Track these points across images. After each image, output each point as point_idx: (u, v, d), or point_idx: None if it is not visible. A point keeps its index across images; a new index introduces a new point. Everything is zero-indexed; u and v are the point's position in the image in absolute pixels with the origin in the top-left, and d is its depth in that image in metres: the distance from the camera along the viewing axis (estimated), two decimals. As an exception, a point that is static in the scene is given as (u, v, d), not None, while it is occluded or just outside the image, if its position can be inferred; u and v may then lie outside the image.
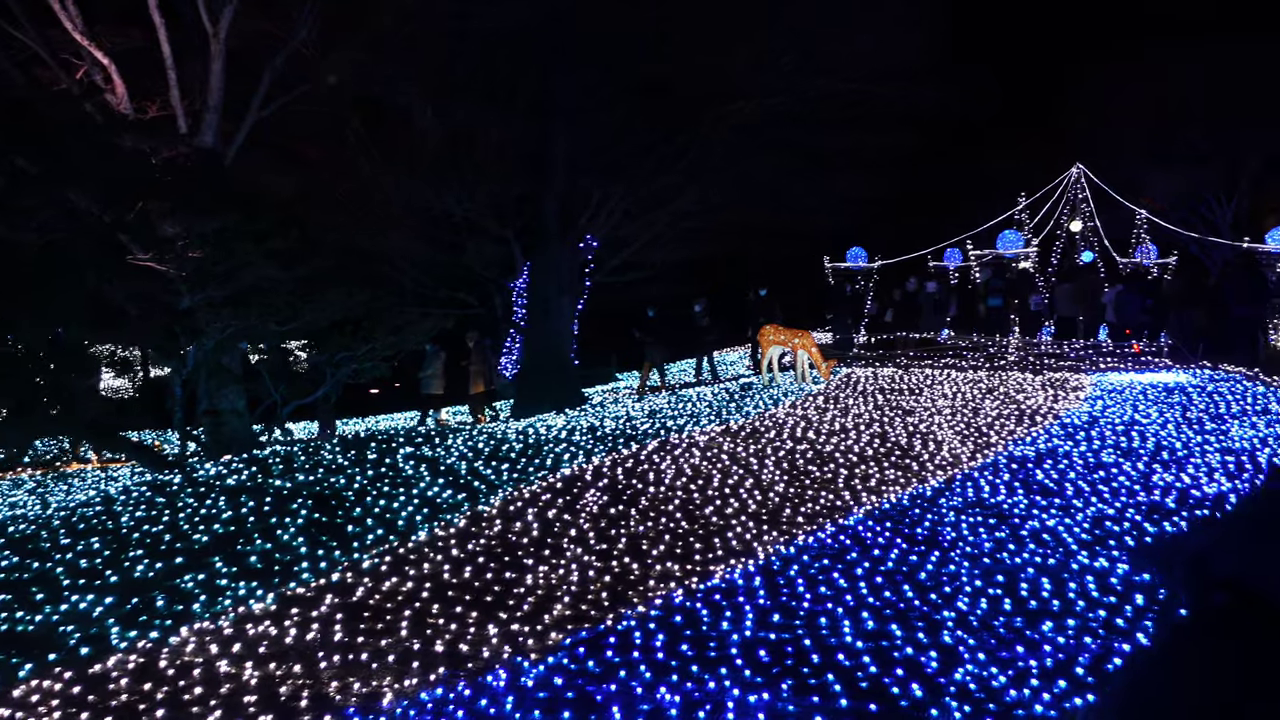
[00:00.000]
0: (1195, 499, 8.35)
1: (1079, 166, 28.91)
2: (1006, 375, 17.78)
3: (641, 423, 12.96)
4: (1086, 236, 29.56)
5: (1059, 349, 20.64)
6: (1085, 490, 8.70)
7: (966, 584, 6.40)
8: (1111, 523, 7.65)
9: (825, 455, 10.45)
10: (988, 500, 8.47)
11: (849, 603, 6.14)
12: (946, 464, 9.98)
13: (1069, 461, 9.88)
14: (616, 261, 26.45)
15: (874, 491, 8.90)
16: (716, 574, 6.76)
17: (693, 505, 8.49)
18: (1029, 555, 6.93)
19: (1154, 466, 9.60)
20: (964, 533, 7.50)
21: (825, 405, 14.13)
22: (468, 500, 8.65)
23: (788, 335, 17.23)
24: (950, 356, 20.94)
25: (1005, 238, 23.65)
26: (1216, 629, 0.88)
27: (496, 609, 6.21)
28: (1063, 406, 13.71)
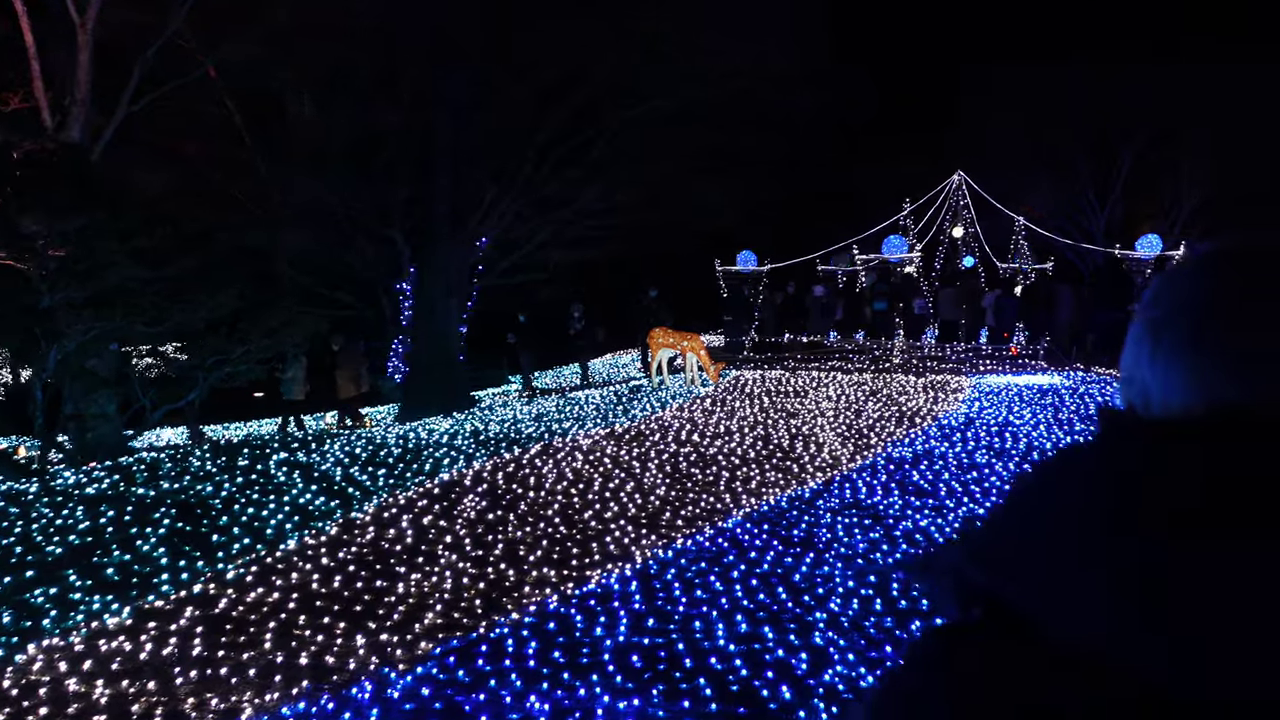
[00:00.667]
0: (1061, 498, 8.60)
1: (960, 174, 29.67)
2: (890, 377, 18.14)
3: (526, 426, 12.84)
4: (968, 242, 30.36)
5: (941, 351, 21.16)
6: (958, 491, 8.89)
7: (840, 585, 6.47)
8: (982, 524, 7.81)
9: (708, 458, 10.48)
10: (864, 501, 8.59)
11: (724, 606, 6.14)
12: (826, 465, 10.10)
13: (944, 463, 10.10)
14: (508, 263, 26.21)
15: (754, 494, 8.95)
16: (593, 579, 6.70)
17: (573, 510, 8.42)
18: (901, 556, 7.04)
19: (1025, 467, 9.86)
20: (839, 534, 7.59)
21: (712, 408, 14.20)
22: (341, 507, 8.42)
23: (677, 338, 17.29)
24: (837, 359, 21.29)
25: (890, 242, 24.14)
26: (937, 656, 0.76)
27: (366, 619, 6.04)
28: (941, 408, 14.03)
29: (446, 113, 18.20)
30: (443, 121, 18.36)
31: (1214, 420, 0.78)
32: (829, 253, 28.72)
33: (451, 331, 19.47)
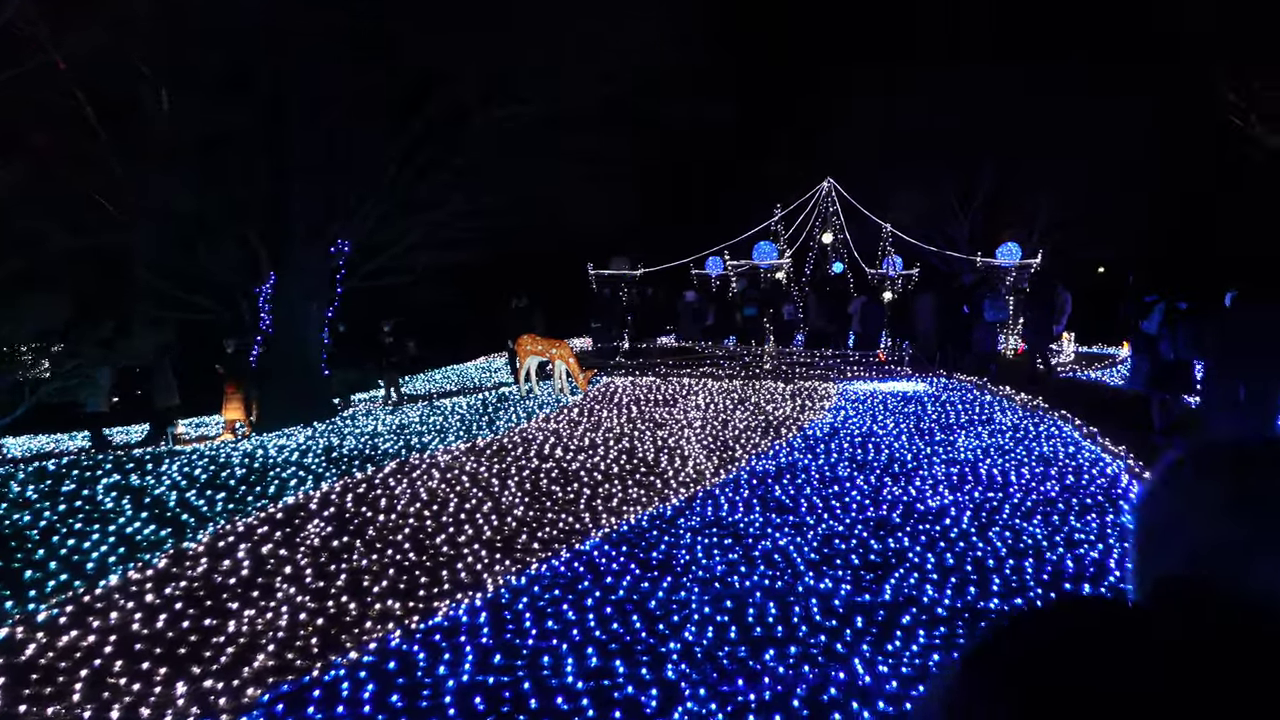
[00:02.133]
0: (919, 512, 8.63)
1: (830, 180, 30.14)
2: (759, 385, 18.20)
3: (384, 440, 12.39)
4: (837, 248, 30.87)
5: (810, 358, 21.37)
6: (818, 506, 8.84)
7: (695, 611, 6.29)
8: (840, 540, 7.77)
9: (570, 474, 10.24)
10: (725, 519, 8.46)
11: (575, 638, 5.91)
12: (690, 481, 9.97)
13: (806, 476, 10.07)
14: (373, 266, 25.54)
15: (615, 512, 8.75)
16: (440, 611, 6.39)
17: (424, 534, 8.07)
18: (758, 578, 6.91)
19: (885, 479, 9.91)
20: (699, 555, 7.43)
21: (579, 418, 13.97)
22: (172, 536, 7.90)
23: (545, 345, 17.01)
24: (708, 365, 21.32)
25: (760, 248, 24.33)
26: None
27: (189, 663, 5.61)
28: (807, 418, 14.09)
29: (303, 111, 17.54)
30: (298, 120, 17.68)
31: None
32: (701, 257, 28.85)
33: (312, 337, 18.78)
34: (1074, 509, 8.69)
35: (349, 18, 16.71)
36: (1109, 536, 7.80)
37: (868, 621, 6.08)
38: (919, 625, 6.00)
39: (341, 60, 17.18)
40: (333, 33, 16.67)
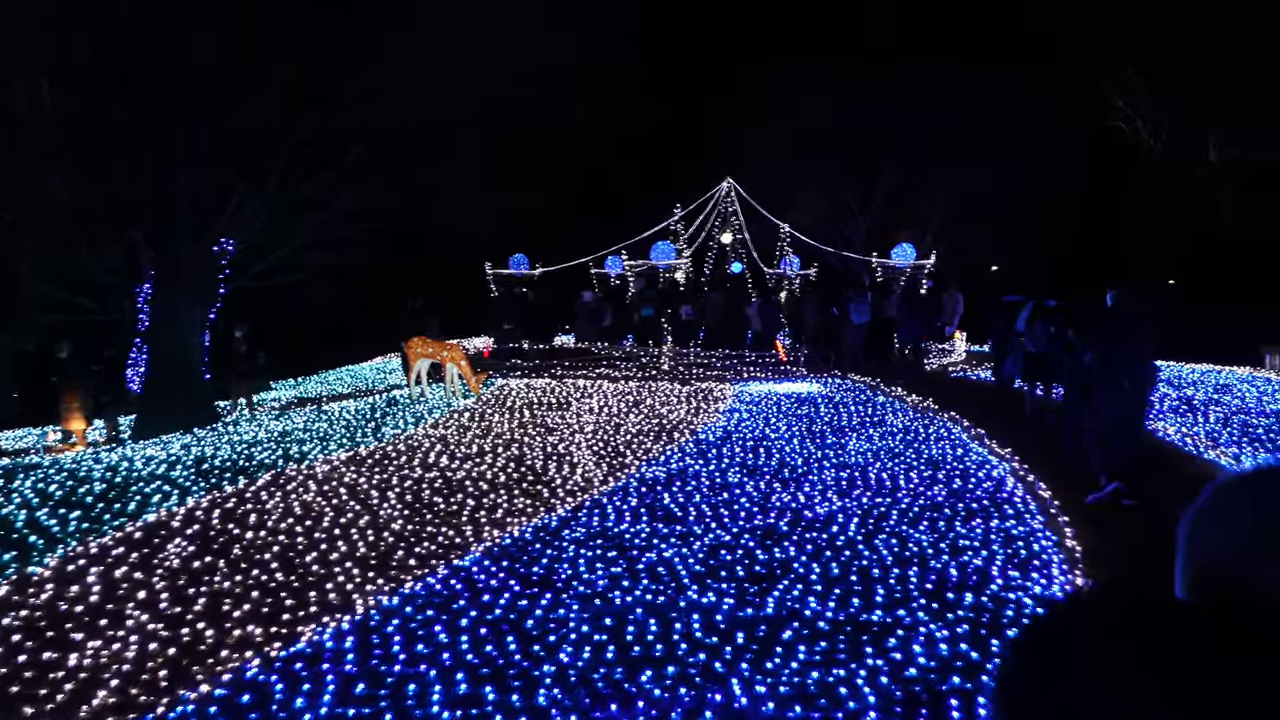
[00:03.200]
0: (808, 519, 8.54)
1: (729, 180, 30.19)
2: (655, 386, 18.07)
3: (262, 450, 11.89)
4: (736, 248, 30.94)
5: (707, 358, 21.32)
6: (707, 515, 8.70)
7: (574, 630, 6.07)
8: (726, 551, 7.63)
9: (455, 484, 9.93)
10: (612, 530, 8.26)
11: (446, 662, 5.63)
12: (578, 489, 9.74)
13: (697, 483, 9.92)
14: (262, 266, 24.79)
15: (498, 524, 8.47)
16: (304, 636, 6.05)
17: (294, 552, 7.70)
18: (641, 592, 6.72)
19: (775, 485, 9.81)
20: (581, 569, 7.21)
21: (469, 424, 13.64)
22: (16, 560, 7.38)
23: (436, 347, 16.61)
24: (604, 366, 21.12)
25: (658, 248, 24.20)
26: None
27: (22, 702, 5.19)
28: (701, 421, 13.98)
29: (183, 108, 16.82)
30: (180, 117, 16.96)
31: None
32: (601, 256, 28.65)
33: (193, 340, 18.05)
34: (960, 514, 8.69)
35: (233, 10, 16.12)
36: (993, 542, 7.80)
37: (749, 638, 5.93)
38: (800, 641, 5.87)
39: (225, 55, 16.54)
40: (216, 26, 16.04)
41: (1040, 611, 2.44)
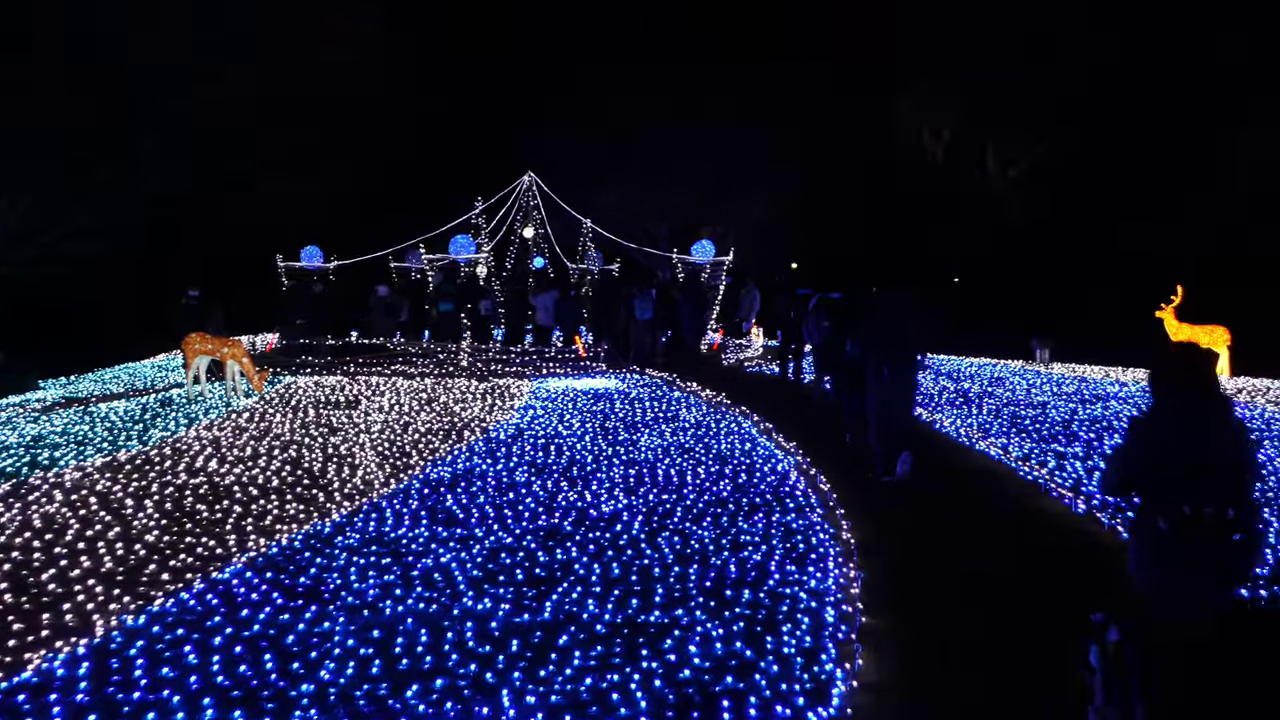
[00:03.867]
0: (592, 519, 8.41)
1: (530, 174, 29.91)
2: (452, 383, 17.65)
3: (7, 455, 10.87)
4: (538, 243, 30.70)
5: (506, 354, 21.01)
6: (490, 516, 8.45)
7: (338, 644, 5.72)
8: (506, 554, 7.40)
9: (222, 490, 9.32)
10: (388, 535, 7.90)
11: (193, 686, 5.19)
12: (356, 492, 9.31)
13: (482, 483, 9.66)
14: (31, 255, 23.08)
15: (266, 533, 7.97)
16: (32, 664, 5.47)
17: (29, 570, 7.00)
18: (414, 601, 6.42)
19: (562, 484, 9.65)
20: (351, 578, 6.84)
21: (246, 424, 12.90)
22: None
23: (216, 344, 15.68)
24: (400, 363, 20.52)
25: (457, 242, 23.69)
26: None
27: None
28: (495, 418, 13.70)
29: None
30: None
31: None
32: (399, 250, 27.87)
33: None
34: (743, 509, 8.75)
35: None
36: (773, 537, 7.87)
37: (524, 645, 5.73)
38: (576, 646, 5.71)
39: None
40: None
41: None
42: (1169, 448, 4.45)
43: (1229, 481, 4.41)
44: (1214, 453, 4.42)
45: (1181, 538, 4.35)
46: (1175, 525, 4.36)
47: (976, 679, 5.44)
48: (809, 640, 5.82)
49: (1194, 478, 4.39)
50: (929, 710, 5.16)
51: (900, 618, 6.26)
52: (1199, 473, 4.39)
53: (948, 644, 5.91)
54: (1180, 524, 4.35)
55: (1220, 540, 4.35)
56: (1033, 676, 5.43)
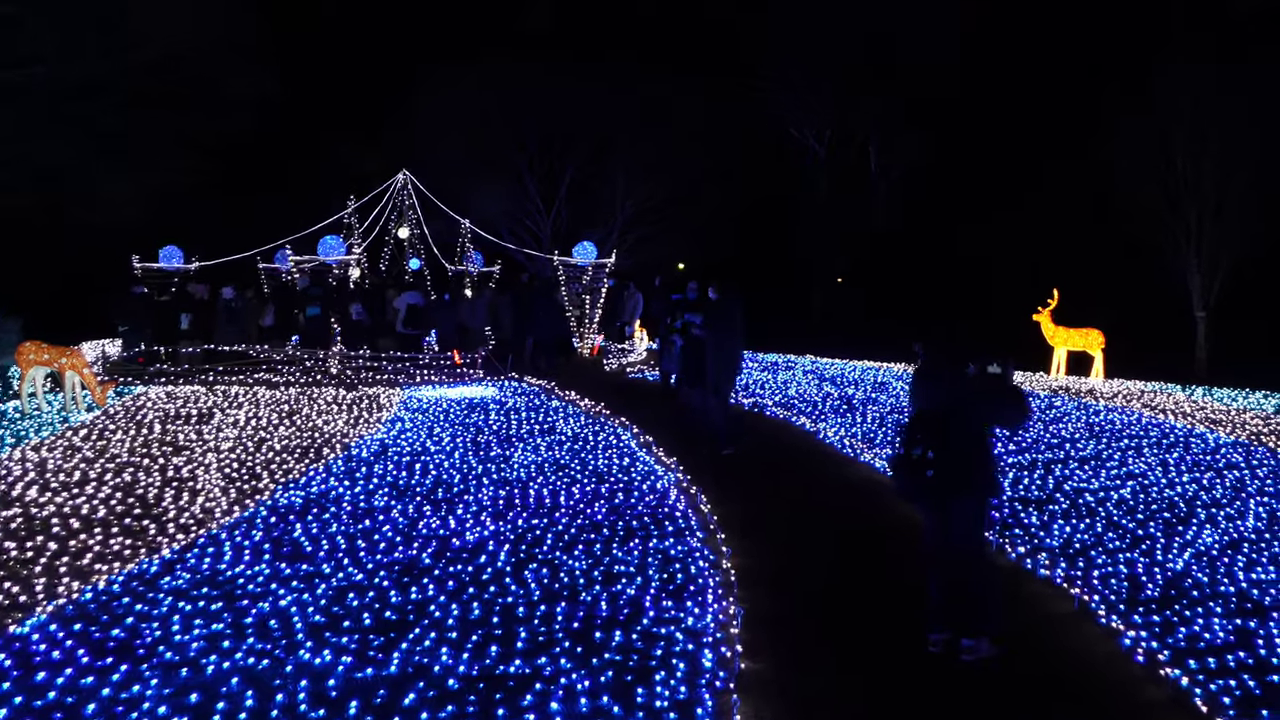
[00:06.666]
0: (455, 549, 7.74)
1: (405, 172, 28.86)
2: (318, 393, 16.70)
3: None
4: (414, 243, 29.67)
5: (378, 361, 20.05)
6: (341, 550, 7.70)
7: (147, 713, 4.96)
8: (355, 594, 6.69)
9: (38, 523, 8.33)
10: (224, 574, 7.09)
11: (-39, 776, 4.38)
12: (194, 523, 8.43)
13: (337, 509, 8.89)
14: None
15: (81, 574, 7.07)
16: None
17: None
18: (243, 655, 5.67)
19: (425, 509, 8.95)
20: (173, 629, 6.04)
21: (80, 443, 11.80)
22: None
23: (53, 353, 14.43)
24: (264, 371, 19.41)
25: (326, 243, 22.55)
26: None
27: None
28: (359, 432, 12.87)
29: None
30: None
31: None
32: (265, 251, 26.55)
33: None
34: (619, 534, 8.20)
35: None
36: (650, 567, 7.33)
37: (363, 707, 5.06)
38: (423, 707, 5.07)
39: None
40: None
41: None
42: (910, 402, 6.34)
43: (934, 429, 5.85)
44: (930, 405, 6.01)
45: (900, 469, 6.04)
46: (895, 460, 6.19)
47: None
48: (684, 691, 5.29)
49: (913, 426, 6.01)
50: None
51: (782, 661, 5.78)
52: (916, 422, 6.01)
53: (831, 691, 5.46)
54: (896, 460, 6.14)
55: (918, 473, 5.86)
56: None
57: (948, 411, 5.92)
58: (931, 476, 5.85)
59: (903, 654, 5.91)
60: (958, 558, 5.90)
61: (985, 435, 6.04)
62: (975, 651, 5.74)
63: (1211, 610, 6.59)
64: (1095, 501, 9.44)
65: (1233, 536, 8.34)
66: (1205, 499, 9.58)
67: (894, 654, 5.93)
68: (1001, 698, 5.43)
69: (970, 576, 5.89)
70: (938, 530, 5.99)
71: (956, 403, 5.92)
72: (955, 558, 5.91)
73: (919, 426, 6.01)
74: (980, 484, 5.97)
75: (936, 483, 5.86)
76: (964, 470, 5.87)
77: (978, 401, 5.92)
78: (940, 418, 5.93)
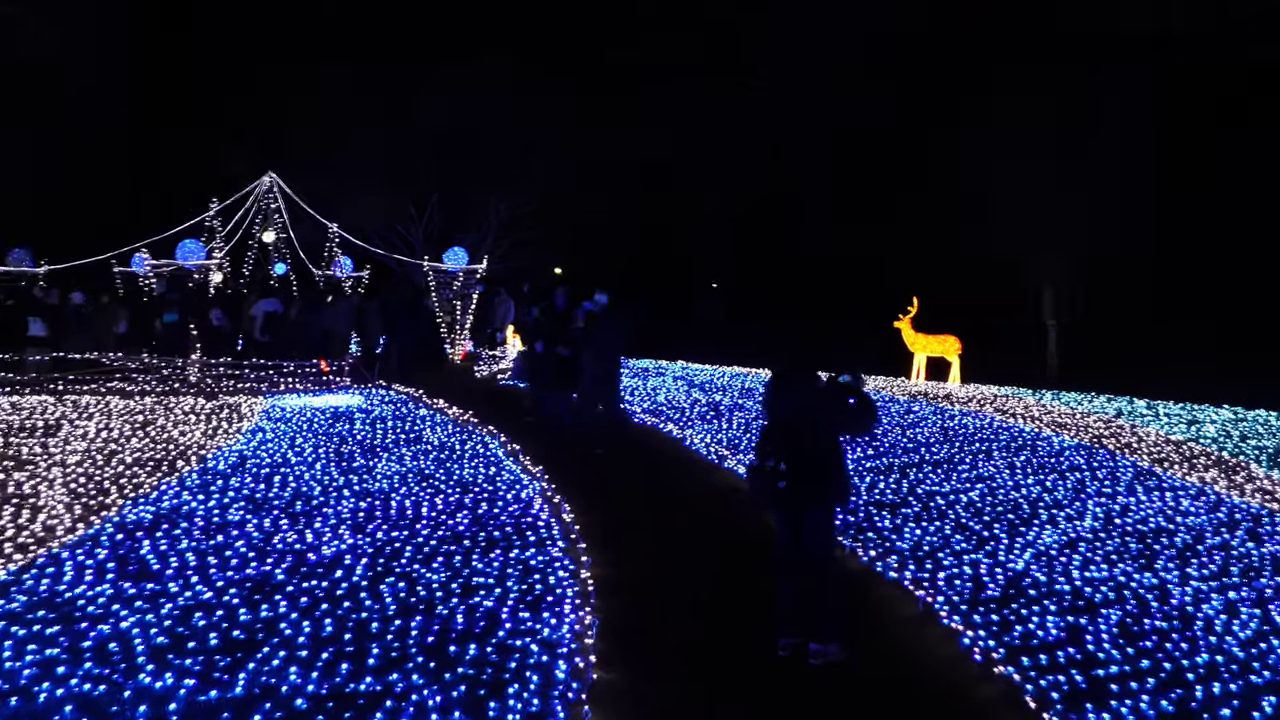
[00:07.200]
0: (311, 564, 7.59)
1: (271, 175, 28.14)
2: (176, 402, 16.14)
3: None
4: (279, 248, 28.97)
5: (240, 369, 19.50)
6: (190, 567, 7.47)
7: (-29, 747, 4.74)
8: (203, 613, 6.50)
9: None
10: (62, 595, 6.81)
11: None
12: (33, 542, 8.07)
13: (189, 524, 8.62)
14: None
15: (-97, 600, 6.70)
16: None
17: None
18: (79, 680, 5.45)
19: (282, 522, 8.76)
20: (5, 655, 5.77)
21: (-88, 459, 11.18)
22: None
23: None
24: (118, 380, 18.68)
25: (185, 247, 21.79)
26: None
27: None
28: (216, 444, 12.50)
29: None
30: None
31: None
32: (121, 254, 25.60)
33: None
34: (480, 545, 8.17)
35: None
36: (510, 578, 7.32)
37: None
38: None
39: None
40: None
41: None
42: (764, 413, 6.48)
43: (787, 440, 6.08)
44: (782, 416, 6.20)
45: (755, 479, 6.24)
46: (750, 470, 6.40)
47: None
48: (536, 703, 5.31)
49: (767, 436, 6.25)
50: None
51: (635, 670, 5.84)
52: (770, 432, 6.24)
53: (681, 699, 5.56)
54: (753, 469, 6.30)
55: (771, 483, 6.06)
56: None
57: (800, 422, 6.12)
58: (784, 487, 6.05)
59: (754, 660, 6.04)
60: (810, 563, 6.07)
61: (837, 444, 6.24)
62: (824, 656, 5.91)
63: (1047, 609, 6.90)
64: (946, 504, 9.79)
65: (1070, 536, 8.75)
66: (1047, 500, 10.03)
67: (745, 660, 6.05)
68: (844, 701, 5.60)
69: (821, 582, 6.06)
70: (791, 537, 6.15)
71: (809, 413, 6.12)
72: (807, 563, 6.08)
73: (772, 437, 6.23)
74: (832, 493, 6.17)
75: (789, 493, 6.06)
76: (817, 480, 6.08)
77: (829, 411, 6.13)
78: (793, 428, 6.13)
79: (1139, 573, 7.72)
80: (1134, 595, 7.21)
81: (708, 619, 6.74)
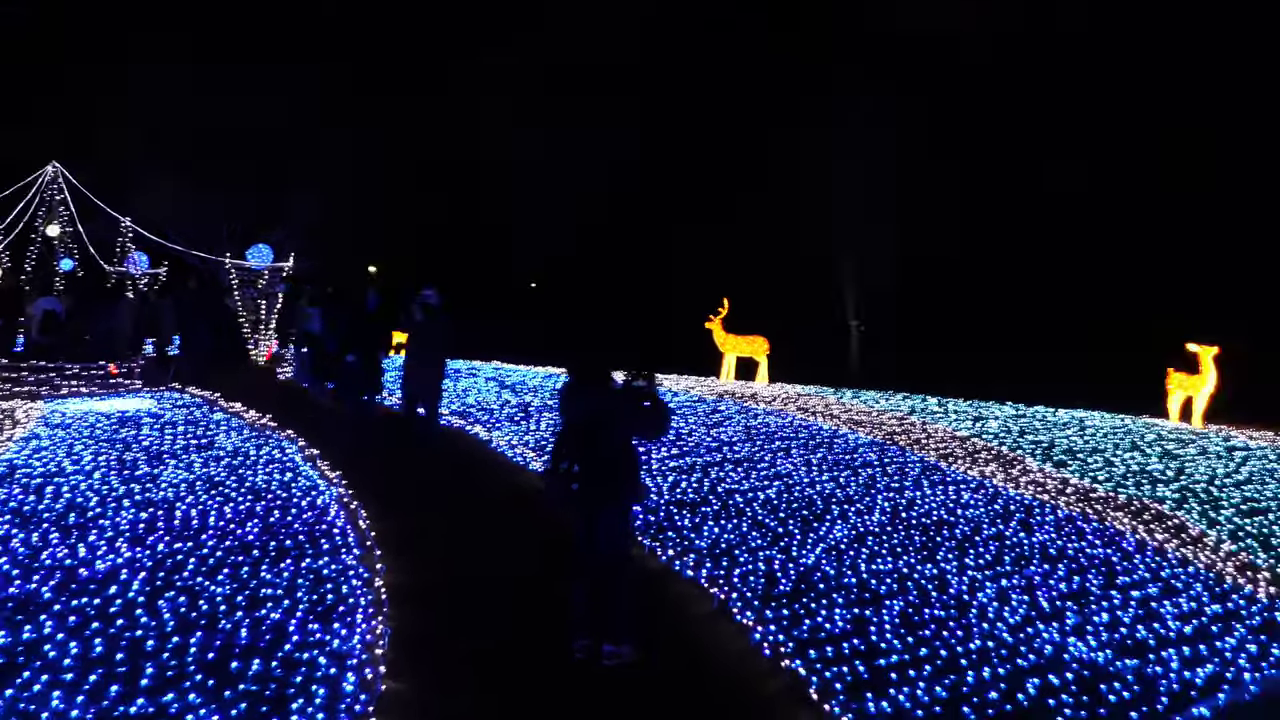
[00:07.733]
0: (82, 580, 7.13)
1: (55, 165, 26.38)
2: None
3: None
4: (66, 243, 27.21)
5: (17, 372, 18.17)
6: (-57, 587, 6.91)
7: None
8: (-45, 637, 6.02)
9: None
10: None
11: None
12: None
13: (-53, 541, 7.97)
14: None
15: None
16: None
17: None
18: None
19: (52, 536, 8.20)
20: None
21: None
22: None
23: None
24: None
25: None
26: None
27: None
28: (-16, 453, 11.63)
29: None
30: None
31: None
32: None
33: None
34: (270, 555, 7.87)
35: None
36: (300, 589, 7.08)
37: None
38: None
39: None
40: None
41: None
42: (559, 415, 6.53)
43: (581, 442, 6.16)
44: (577, 418, 6.26)
45: (550, 481, 6.38)
46: (546, 472, 6.60)
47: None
48: (321, 718, 5.15)
49: (562, 439, 6.33)
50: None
51: (425, 680, 5.75)
52: (565, 435, 6.32)
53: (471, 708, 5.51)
54: (548, 471, 6.44)
55: (566, 485, 6.17)
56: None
57: (594, 424, 6.17)
58: (578, 489, 6.11)
59: (548, 665, 6.03)
60: (604, 564, 6.11)
61: (631, 446, 6.31)
62: (618, 657, 5.95)
63: (835, 602, 7.17)
64: (744, 502, 10.04)
65: (860, 530, 9.12)
66: (840, 496, 10.42)
67: (540, 665, 6.04)
68: (636, 701, 5.67)
69: (616, 583, 6.11)
70: (586, 539, 6.18)
71: (603, 415, 6.18)
72: (602, 564, 6.12)
73: (568, 439, 6.28)
74: (626, 494, 6.23)
75: (583, 494, 6.12)
76: (610, 481, 6.14)
77: (623, 414, 6.20)
78: (587, 430, 6.18)
79: (921, 564, 8.13)
80: (916, 586, 7.59)
81: (503, 624, 6.69)
